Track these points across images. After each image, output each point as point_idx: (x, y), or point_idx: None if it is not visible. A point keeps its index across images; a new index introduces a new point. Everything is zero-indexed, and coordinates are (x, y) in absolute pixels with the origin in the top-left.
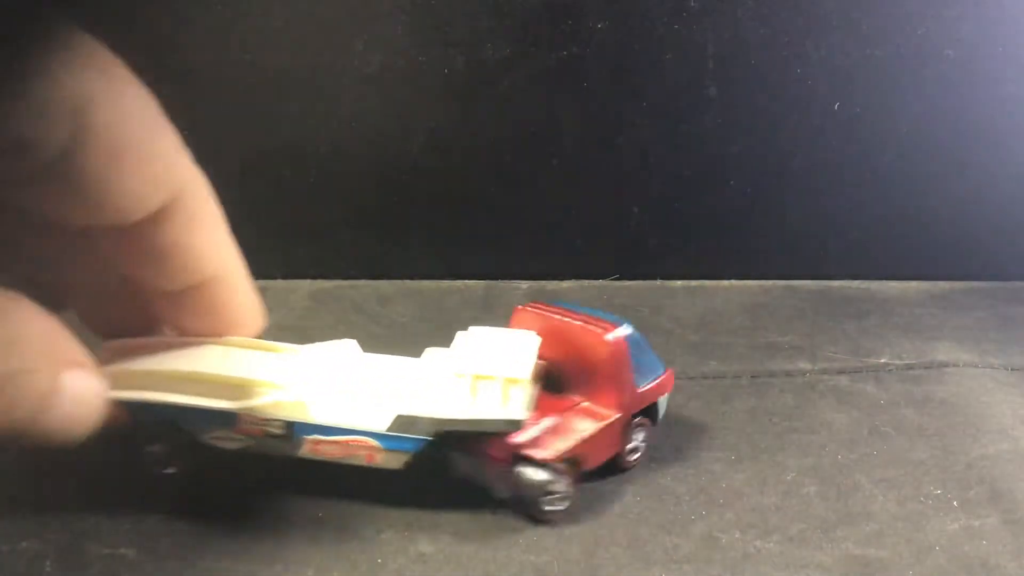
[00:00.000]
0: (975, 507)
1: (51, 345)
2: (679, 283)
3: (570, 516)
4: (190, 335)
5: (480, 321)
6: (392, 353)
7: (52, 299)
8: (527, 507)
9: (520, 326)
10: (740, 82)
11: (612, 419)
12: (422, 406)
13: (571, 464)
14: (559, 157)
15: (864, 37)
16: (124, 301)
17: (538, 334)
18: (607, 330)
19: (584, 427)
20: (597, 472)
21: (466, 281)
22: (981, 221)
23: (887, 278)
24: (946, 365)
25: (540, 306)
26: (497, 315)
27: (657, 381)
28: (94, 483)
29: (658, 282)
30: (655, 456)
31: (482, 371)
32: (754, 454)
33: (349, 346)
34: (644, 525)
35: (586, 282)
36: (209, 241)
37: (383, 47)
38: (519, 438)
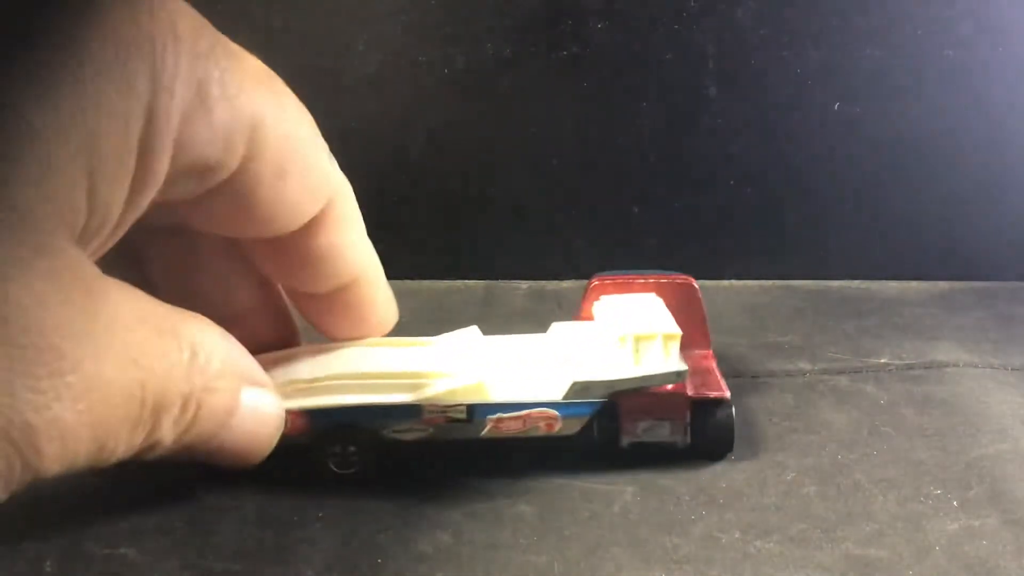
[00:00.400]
0: (975, 507)
1: (232, 362)
2: None
3: (570, 516)
4: (334, 337)
5: (481, 321)
6: None
7: (213, 317)
8: (716, 447)
9: (600, 297)
10: (740, 82)
11: (713, 357)
12: (593, 371)
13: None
14: (559, 157)
15: (864, 37)
16: (266, 315)
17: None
18: (679, 278)
19: (710, 365)
20: (597, 471)
21: (466, 281)
22: (981, 221)
23: (887, 278)
24: (946, 365)
25: (610, 277)
26: (497, 315)
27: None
28: (94, 483)
29: None
30: (655, 456)
31: (640, 331)
32: (754, 454)
33: (474, 332)
34: (644, 525)
35: (586, 282)
36: (356, 242)
37: (383, 47)
38: (688, 389)
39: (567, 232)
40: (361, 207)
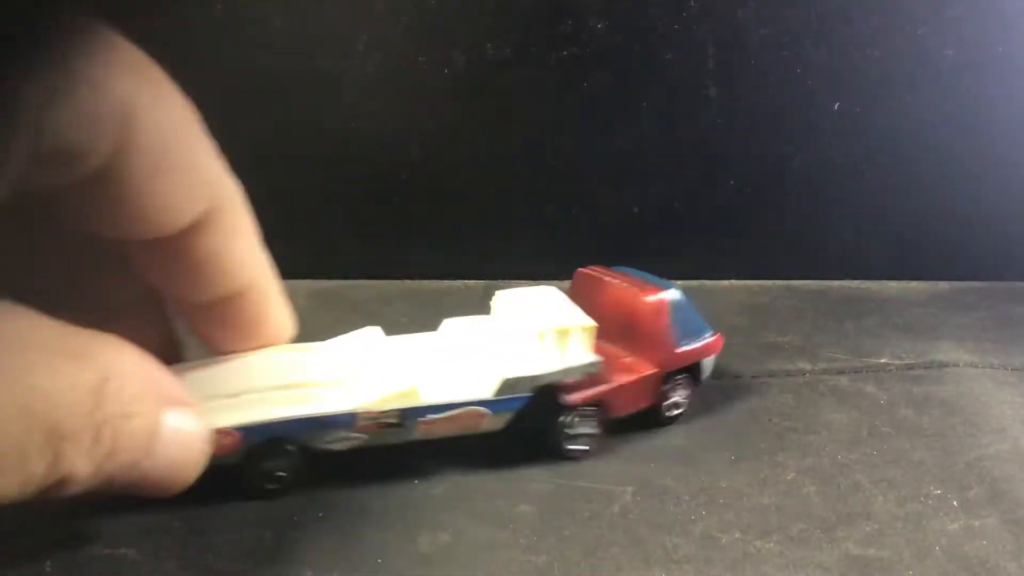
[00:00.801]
0: (975, 507)
1: (151, 384)
2: (679, 283)
3: (570, 516)
4: (221, 348)
5: None
6: None
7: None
8: (552, 443)
9: (577, 287)
10: (740, 82)
11: (646, 374)
12: (519, 367)
13: (598, 408)
14: (559, 157)
15: (864, 37)
16: (146, 322)
17: (590, 294)
18: (649, 292)
19: (617, 378)
20: (597, 471)
21: (466, 281)
22: (981, 221)
23: (887, 278)
24: (946, 365)
25: (597, 269)
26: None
27: (701, 343)
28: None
29: None
30: (655, 456)
31: (559, 325)
32: (754, 454)
33: (375, 333)
34: (644, 525)
35: None
36: (243, 251)
37: (383, 47)
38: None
39: (567, 232)
40: (361, 207)
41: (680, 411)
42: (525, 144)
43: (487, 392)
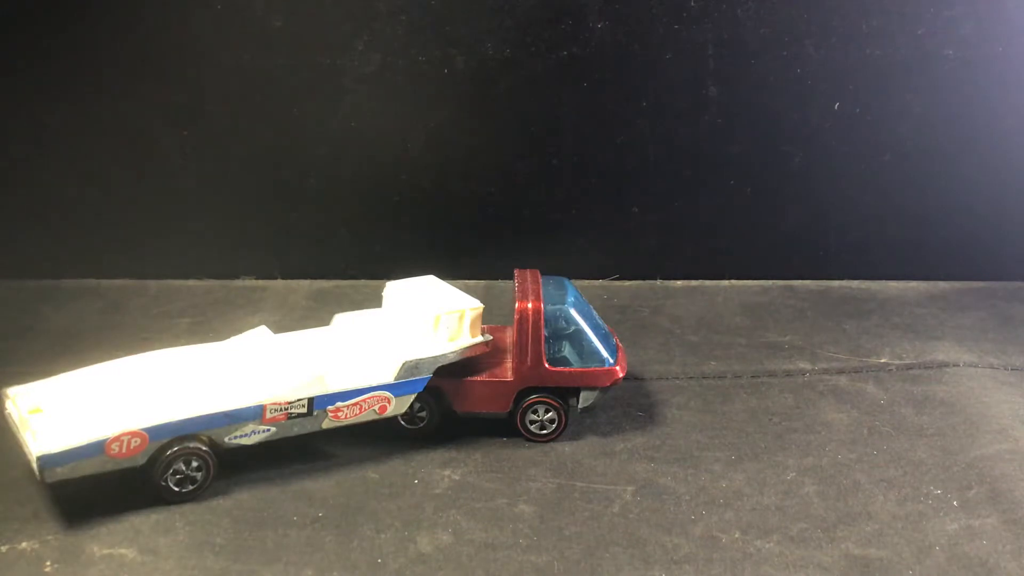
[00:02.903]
0: (975, 507)
1: None
2: (679, 283)
3: (570, 516)
4: None
5: (484, 320)
6: None
7: None
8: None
9: (516, 281)
10: (740, 82)
11: (495, 379)
12: (418, 350)
13: (435, 395)
14: (559, 157)
15: (864, 37)
16: None
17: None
18: (528, 302)
19: (471, 374)
20: (597, 471)
21: (466, 281)
22: (981, 221)
23: (887, 278)
24: (946, 365)
25: (528, 272)
26: (497, 315)
27: (581, 369)
28: (94, 483)
29: (658, 282)
30: (655, 456)
31: (450, 308)
32: (754, 454)
33: (263, 331)
34: (644, 525)
35: (586, 282)
36: None
37: (383, 47)
38: None
39: (567, 232)
40: (361, 207)
41: (547, 431)
42: (525, 144)
43: (389, 376)
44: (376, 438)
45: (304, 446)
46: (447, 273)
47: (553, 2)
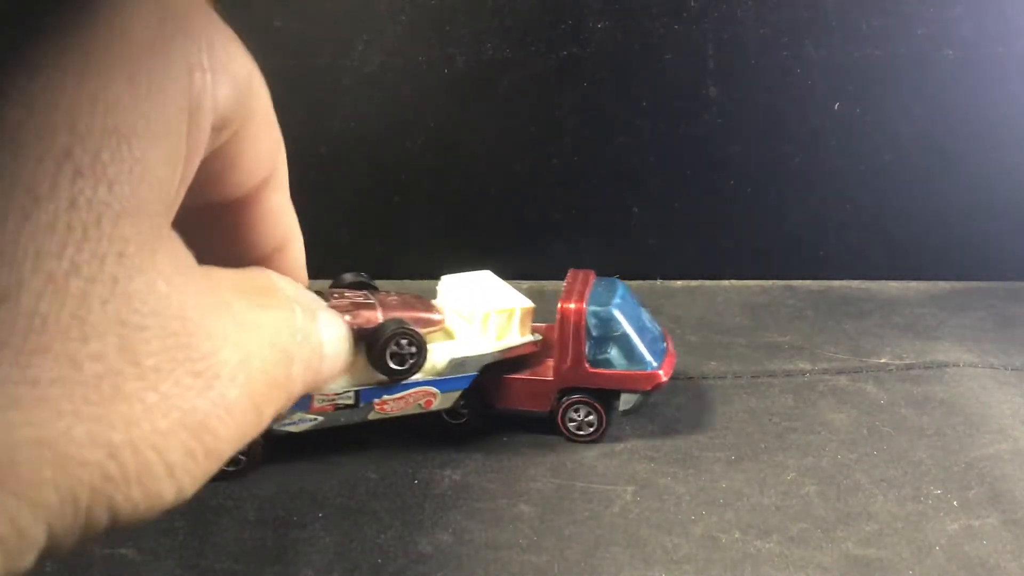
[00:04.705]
0: (975, 507)
1: (302, 295)
2: (679, 283)
3: (570, 516)
4: None
5: None
6: None
7: None
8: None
9: (566, 282)
10: (740, 82)
11: (536, 378)
12: (465, 347)
13: (477, 390)
14: (559, 157)
15: (864, 37)
16: None
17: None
18: (572, 302)
19: (513, 372)
20: (597, 471)
21: None
22: (981, 221)
23: (887, 278)
24: (946, 365)
25: (581, 273)
26: None
27: (622, 372)
28: None
29: (658, 282)
30: (655, 456)
31: (500, 307)
32: (754, 454)
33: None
34: (644, 525)
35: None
36: (288, 199)
37: (383, 47)
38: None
39: (567, 232)
40: (361, 207)
41: (585, 433)
42: (525, 144)
43: (437, 372)
44: (376, 438)
45: (304, 446)
46: (447, 273)
47: (553, 2)
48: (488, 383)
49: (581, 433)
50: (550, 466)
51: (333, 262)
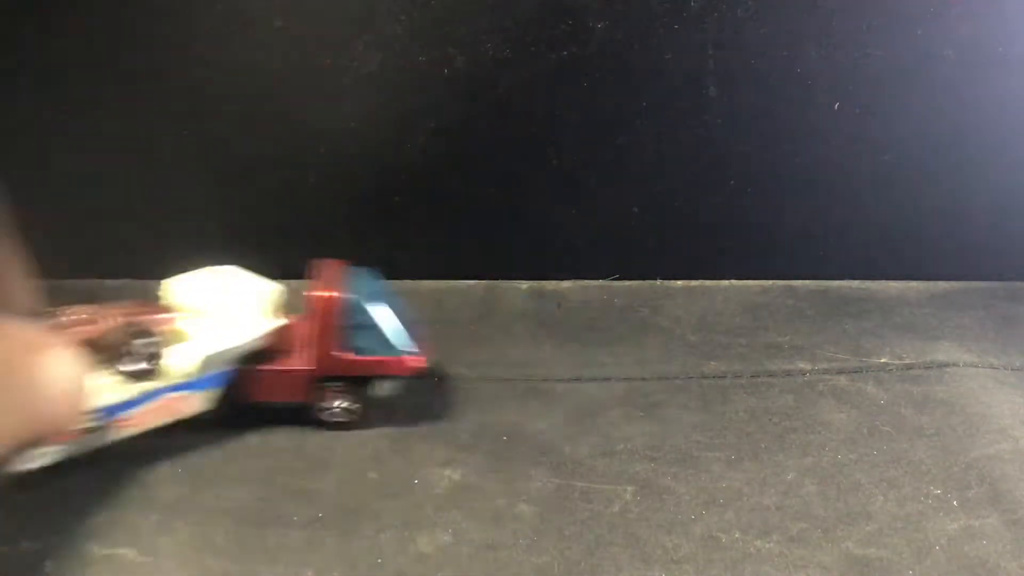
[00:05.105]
0: (975, 507)
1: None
2: (679, 283)
3: (570, 516)
4: None
5: (481, 321)
6: None
7: None
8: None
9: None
10: (740, 82)
11: (291, 368)
12: (217, 342)
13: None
14: (559, 157)
15: (864, 37)
16: None
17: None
18: (324, 290)
19: (266, 364)
20: (597, 471)
21: (466, 281)
22: (981, 221)
23: (887, 278)
24: (946, 365)
25: (330, 263)
26: (497, 315)
27: (374, 358)
28: (94, 483)
29: (658, 282)
30: (655, 456)
31: (245, 296)
32: (754, 454)
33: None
34: (644, 525)
35: (586, 282)
36: None
37: (383, 47)
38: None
39: (567, 232)
40: (361, 207)
41: (344, 420)
42: (525, 144)
43: (189, 374)
44: (376, 438)
45: (304, 446)
46: (448, 273)
47: (553, 2)
48: (244, 377)
49: (339, 421)
50: (550, 466)
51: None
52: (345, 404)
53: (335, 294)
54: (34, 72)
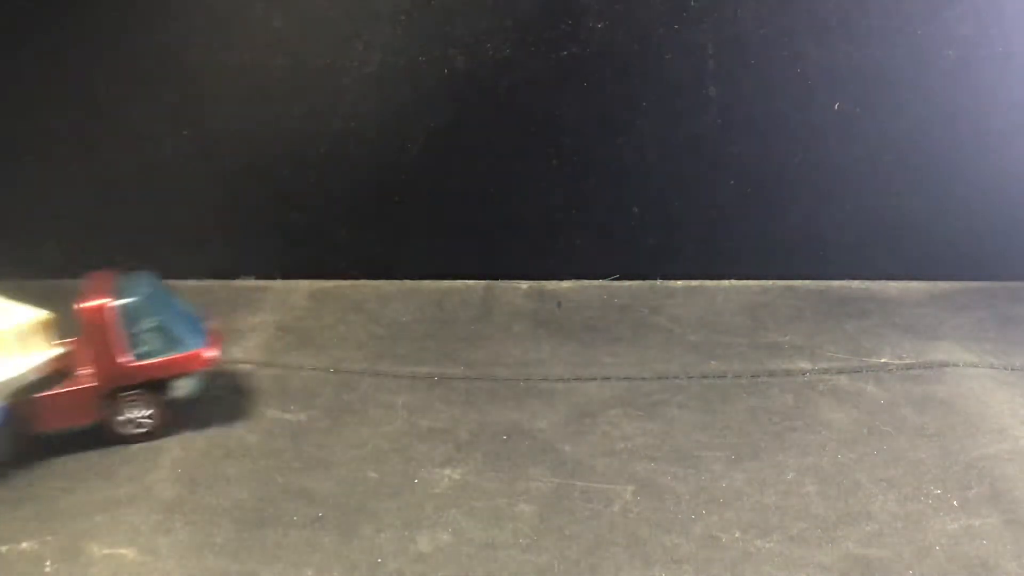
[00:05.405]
0: (975, 507)
1: None
2: (679, 283)
3: (570, 516)
4: None
5: (481, 321)
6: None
7: None
8: None
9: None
10: (740, 82)
11: (81, 386)
12: None
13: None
14: (559, 157)
15: (864, 37)
16: None
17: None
18: (92, 298)
19: (47, 389)
20: (597, 471)
21: (466, 281)
22: (981, 221)
23: (887, 278)
24: (946, 365)
25: (99, 273)
26: (497, 315)
27: (163, 360)
28: (94, 483)
29: (658, 282)
30: (655, 456)
31: (18, 323)
32: (754, 454)
33: None
34: (644, 525)
35: (586, 282)
36: None
37: (383, 47)
38: None
39: (567, 232)
40: (361, 207)
41: (144, 430)
42: (525, 144)
43: None
44: (377, 438)
45: (304, 446)
46: (448, 273)
47: (553, 2)
48: (23, 410)
49: (140, 432)
50: (550, 466)
51: (333, 262)
52: (143, 413)
53: (104, 302)
54: (34, 72)
